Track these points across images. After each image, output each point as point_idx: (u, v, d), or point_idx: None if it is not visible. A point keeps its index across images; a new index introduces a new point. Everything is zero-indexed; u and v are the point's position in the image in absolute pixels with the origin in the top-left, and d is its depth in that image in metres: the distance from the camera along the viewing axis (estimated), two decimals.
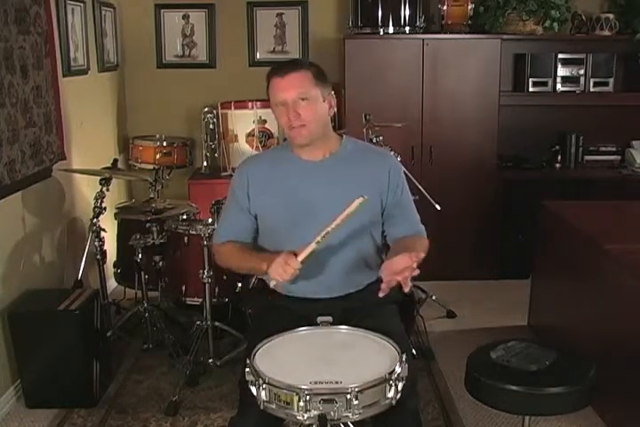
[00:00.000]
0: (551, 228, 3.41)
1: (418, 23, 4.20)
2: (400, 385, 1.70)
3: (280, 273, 1.92)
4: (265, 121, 4.27)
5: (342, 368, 1.74)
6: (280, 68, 2.08)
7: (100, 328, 3.04)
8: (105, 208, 3.32)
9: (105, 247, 3.42)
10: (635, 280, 2.48)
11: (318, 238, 1.92)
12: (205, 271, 3.03)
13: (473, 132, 4.29)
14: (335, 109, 2.16)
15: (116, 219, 3.70)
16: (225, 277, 3.15)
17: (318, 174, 2.14)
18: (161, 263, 3.36)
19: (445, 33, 4.25)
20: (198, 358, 3.13)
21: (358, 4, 4.20)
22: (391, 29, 4.17)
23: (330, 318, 1.97)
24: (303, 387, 1.62)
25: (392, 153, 3.15)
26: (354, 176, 2.14)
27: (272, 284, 1.99)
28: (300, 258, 1.92)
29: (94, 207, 3.28)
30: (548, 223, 3.44)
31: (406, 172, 2.49)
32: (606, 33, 4.37)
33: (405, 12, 4.16)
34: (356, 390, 1.62)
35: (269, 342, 1.88)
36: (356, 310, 2.11)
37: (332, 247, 2.13)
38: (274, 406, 1.68)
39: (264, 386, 1.67)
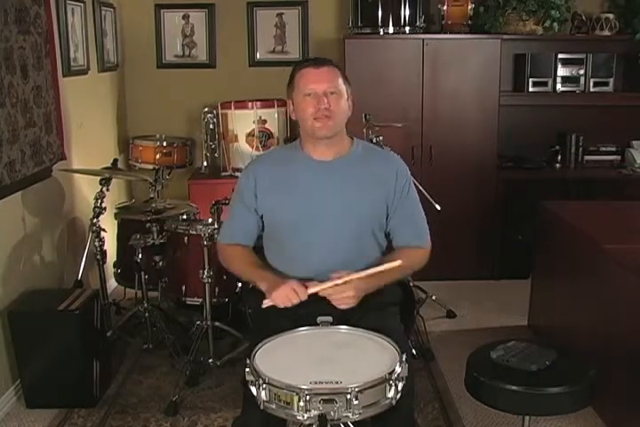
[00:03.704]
0: (551, 228, 3.40)
1: (418, 23, 4.20)
2: (400, 385, 1.70)
3: (283, 299, 1.96)
4: (265, 121, 4.27)
5: (342, 368, 1.74)
6: (313, 60, 2.15)
7: (99, 328, 3.03)
8: (105, 208, 3.32)
9: (105, 247, 3.43)
10: (635, 280, 2.48)
11: (339, 282, 1.96)
12: (205, 271, 3.03)
13: (473, 133, 4.28)
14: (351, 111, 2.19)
15: (116, 219, 3.70)
16: (225, 277, 3.15)
17: (328, 174, 2.16)
18: (161, 263, 3.36)
19: (445, 33, 4.25)
20: (198, 358, 3.13)
21: (358, 4, 4.20)
22: (391, 29, 4.17)
23: (330, 318, 1.97)
24: (303, 387, 1.62)
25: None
26: (362, 178, 2.17)
27: (265, 304, 2.00)
28: (310, 291, 1.95)
29: (94, 207, 3.28)
30: (548, 223, 3.44)
31: None
32: (606, 33, 4.37)
33: (405, 11, 4.15)
34: (356, 390, 1.62)
35: (269, 342, 1.89)
36: (356, 310, 2.11)
37: (335, 248, 2.14)
38: (274, 407, 1.68)
39: (264, 386, 1.67)
